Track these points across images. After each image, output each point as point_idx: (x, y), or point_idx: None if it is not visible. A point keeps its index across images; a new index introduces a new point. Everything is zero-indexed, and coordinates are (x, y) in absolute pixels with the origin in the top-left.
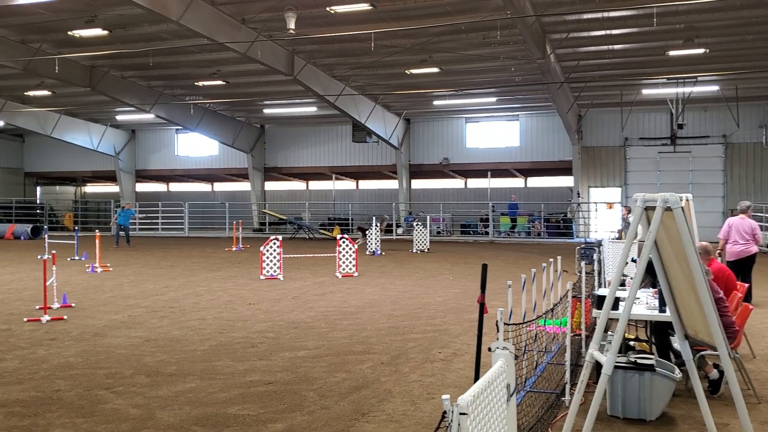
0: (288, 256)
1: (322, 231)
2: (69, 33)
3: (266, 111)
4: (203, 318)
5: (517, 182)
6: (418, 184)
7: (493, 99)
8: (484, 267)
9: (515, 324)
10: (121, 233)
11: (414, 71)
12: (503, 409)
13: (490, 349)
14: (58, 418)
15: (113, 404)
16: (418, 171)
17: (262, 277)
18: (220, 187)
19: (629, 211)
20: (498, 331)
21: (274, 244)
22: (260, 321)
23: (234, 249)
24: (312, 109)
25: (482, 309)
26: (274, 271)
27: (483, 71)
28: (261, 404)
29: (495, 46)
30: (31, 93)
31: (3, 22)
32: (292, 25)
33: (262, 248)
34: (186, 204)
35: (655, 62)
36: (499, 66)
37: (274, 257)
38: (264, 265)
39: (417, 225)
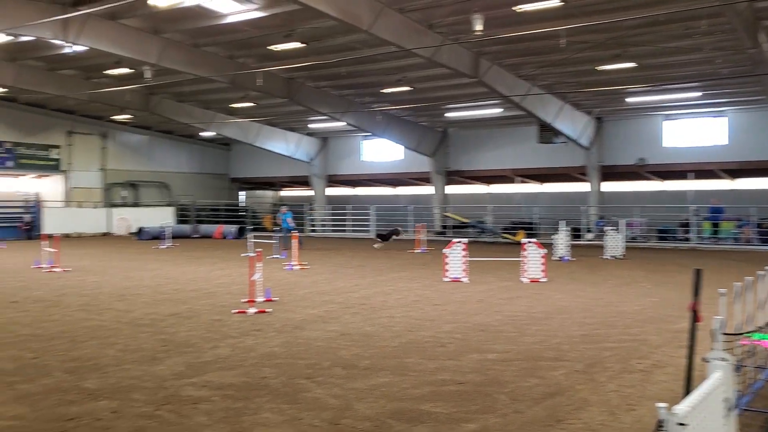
0: (472, 259)
1: (504, 235)
2: (269, 47)
3: (449, 115)
4: (392, 316)
5: (722, 184)
6: (609, 186)
7: (698, 94)
8: (698, 272)
9: (732, 335)
10: (284, 234)
11: (606, 67)
12: (721, 425)
13: (705, 360)
14: (266, 403)
15: (314, 393)
16: (610, 172)
17: (446, 279)
18: (403, 190)
19: None
20: (714, 340)
21: (458, 246)
22: (447, 322)
23: (417, 251)
24: (496, 111)
25: (695, 317)
26: (458, 274)
27: (684, 64)
28: (453, 403)
29: (698, 36)
30: (237, 105)
31: (213, 40)
32: (478, 26)
33: (445, 250)
34: (372, 207)
35: None
36: (702, 58)
37: (458, 260)
38: (447, 267)
39: (609, 230)
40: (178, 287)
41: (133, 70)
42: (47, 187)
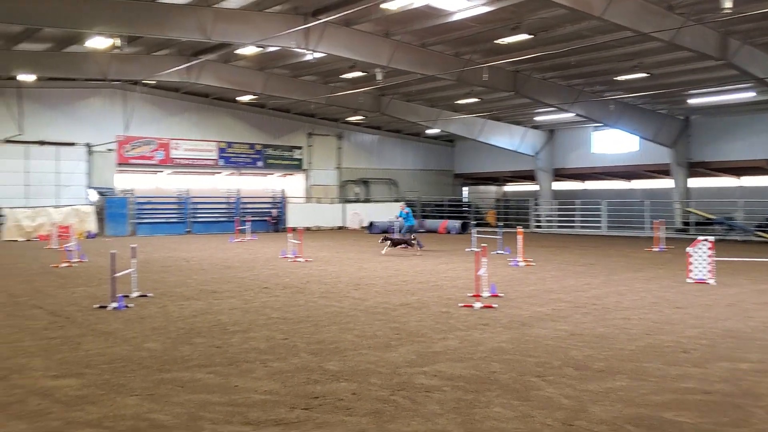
0: (719, 258)
1: (759, 233)
2: (496, 42)
3: (691, 101)
4: (628, 318)
5: None
6: None
7: None
8: None
9: None
10: (407, 230)
11: None
12: None
13: None
14: (497, 398)
15: (545, 392)
16: None
17: (689, 280)
18: (638, 184)
19: None
20: None
21: (704, 245)
22: (690, 326)
23: (655, 249)
24: (748, 95)
25: None
26: (704, 275)
27: None
28: (699, 413)
29: None
30: (462, 101)
31: (440, 39)
32: (727, 3)
33: (689, 249)
34: (603, 202)
35: None
36: None
37: (704, 260)
38: (691, 267)
39: None
40: (406, 279)
41: (365, 73)
42: (290, 185)
